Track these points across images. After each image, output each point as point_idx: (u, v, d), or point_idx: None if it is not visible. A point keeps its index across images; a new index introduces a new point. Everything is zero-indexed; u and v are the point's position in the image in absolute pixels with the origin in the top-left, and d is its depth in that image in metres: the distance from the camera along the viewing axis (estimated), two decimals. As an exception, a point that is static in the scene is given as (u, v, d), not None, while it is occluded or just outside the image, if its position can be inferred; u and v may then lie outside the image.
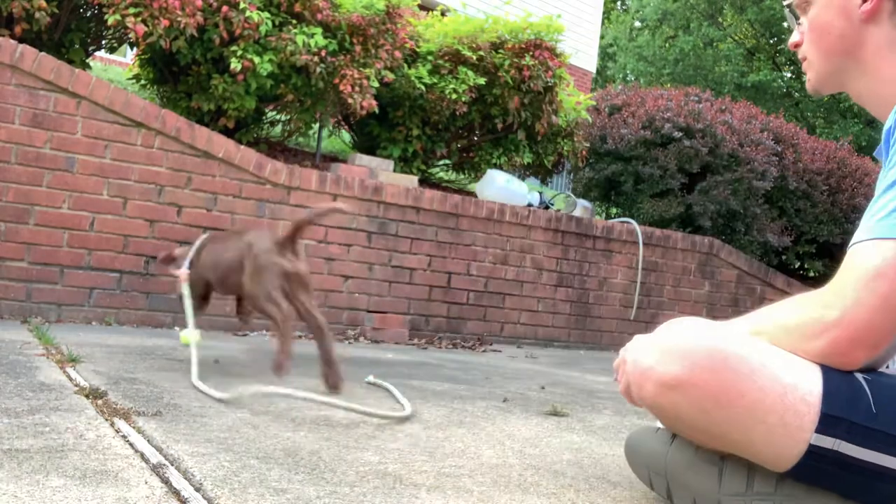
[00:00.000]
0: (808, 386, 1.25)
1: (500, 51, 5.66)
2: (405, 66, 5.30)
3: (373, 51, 4.83)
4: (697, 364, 1.29)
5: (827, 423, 1.23)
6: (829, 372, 1.27)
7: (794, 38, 1.49)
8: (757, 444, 1.28)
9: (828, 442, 1.23)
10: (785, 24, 19.33)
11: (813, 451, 1.24)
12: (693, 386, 1.29)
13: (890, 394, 1.26)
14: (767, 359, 1.29)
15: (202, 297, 2.93)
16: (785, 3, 1.52)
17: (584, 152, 6.38)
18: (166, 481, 1.41)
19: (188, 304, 2.74)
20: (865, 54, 1.37)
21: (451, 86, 5.38)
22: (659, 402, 1.34)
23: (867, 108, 1.44)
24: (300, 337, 4.31)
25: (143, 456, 1.56)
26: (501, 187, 5.58)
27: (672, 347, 1.33)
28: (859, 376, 1.28)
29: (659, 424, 1.53)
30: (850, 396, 1.25)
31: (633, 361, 1.40)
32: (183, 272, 2.79)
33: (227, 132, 4.62)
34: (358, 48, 4.75)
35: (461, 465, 1.77)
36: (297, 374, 2.54)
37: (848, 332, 1.24)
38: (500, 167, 6.02)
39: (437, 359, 4.02)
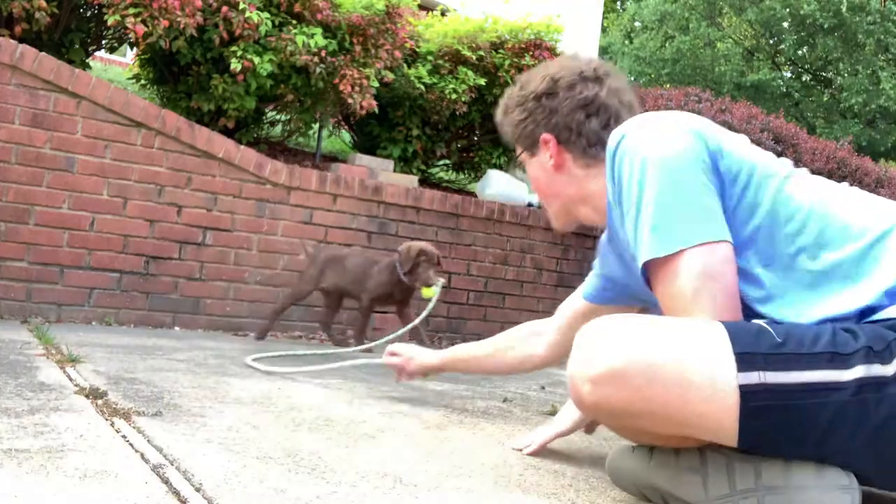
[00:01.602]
0: (717, 336, 1.33)
1: (500, 51, 5.67)
2: (405, 66, 5.30)
3: (373, 51, 4.83)
4: (618, 354, 1.35)
5: (743, 361, 1.30)
6: (728, 324, 1.35)
7: (533, 190, 1.91)
8: (697, 411, 1.31)
9: (752, 377, 1.29)
10: (785, 24, 19.35)
11: (746, 393, 1.28)
12: (616, 372, 1.34)
13: (786, 329, 1.35)
14: (673, 325, 1.38)
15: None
16: (516, 167, 1.86)
17: (584, 152, 6.37)
18: (166, 481, 1.41)
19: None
20: (570, 192, 1.77)
21: (451, 86, 5.38)
22: (594, 400, 1.38)
23: (600, 225, 1.75)
24: (300, 337, 4.31)
25: (143, 456, 1.56)
26: (501, 187, 5.58)
27: (594, 346, 1.39)
28: (757, 321, 1.39)
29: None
30: (753, 335, 1.33)
31: (569, 374, 1.44)
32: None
33: (227, 132, 4.62)
34: (358, 48, 4.75)
35: (461, 464, 1.77)
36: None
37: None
38: (500, 167, 6.02)
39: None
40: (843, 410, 1.28)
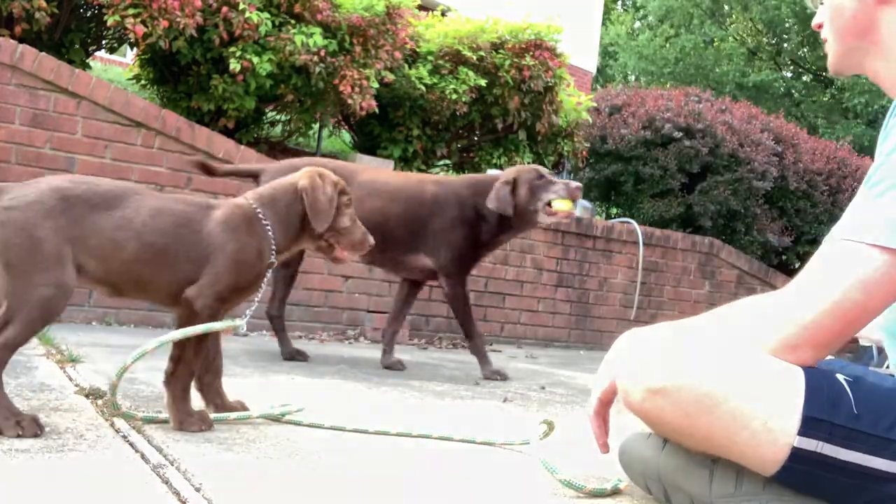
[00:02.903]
0: (792, 390, 1.26)
1: (501, 51, 5.67)
2: (405, 66, 5.30)
3: (373, 51, 4.83)
4: (681, 370, 1.31)
5: (809, 426, 1.24)
6: (811, 374, 1.28)
7: (816, 18, 1.51)
8: (742, 448, 1.29)
9: (811, 444, 1.24)
10: (787, 24, 19.33)
11: (796, 455, 1.25)
12: (677, 391, 1.31)
13: (871, 396, 1.27)
14: (751, 363, 1.30)
15: None
16: None
17: (584, 152, 6.38)
18: (166, 481, 1.41)
19: None
20: (879, 35, 1.38)
21: (452, 86, 5.38)
22: (645, 407, 1.36)
23: (883, 87, 1.44)
24: (300, 337, 4.31)
25: (143, 456, 1.56)
26: (501, 187, 5.57)
27: (659, 356, 1.35)
28: (841, 378, 1.29)
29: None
30: (832, 398, 1.26)
31: (622, 370, 1.42)
32: None
33: (227, 132, 4.62)
34: (358, 49, 4.75)
35: (462, 464, 1.77)
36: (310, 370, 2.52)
37: (810, 335, 1.26)
38: (500, 167, 6.01)
39: (437, 359, 4.02)
40: (884, 501, 1.25)
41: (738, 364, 1.30)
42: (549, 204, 3.18)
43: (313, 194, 1.93)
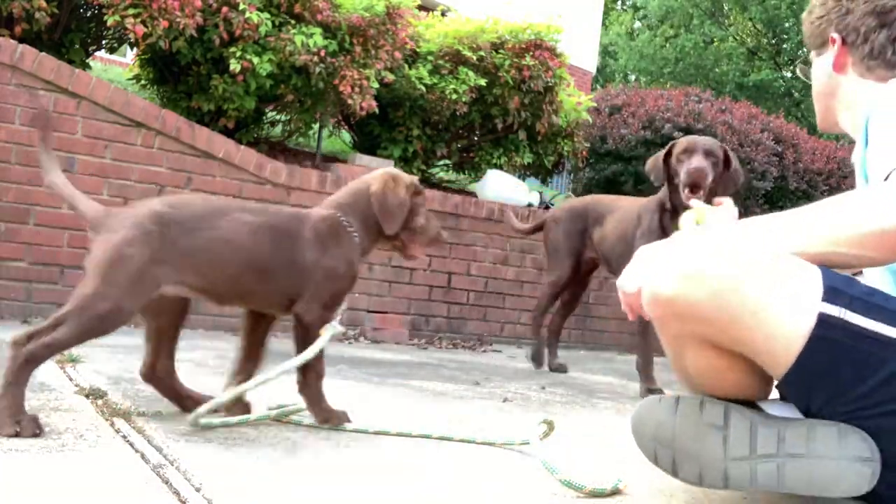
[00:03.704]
0: (812, 270, 1.38)
1: (501, 51, 5.67)
2: (405, 66, 5.30)
3: (373, 51, 4.83)
4: (714, 254, 1.40)
5: (832, 294, 1.35)
6: (822, 268, 1.39)
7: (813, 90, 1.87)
8: (769, 325, 1.36)
9: (835, 311, 1.34)
10: (787, 24, 19.34)
11: (823, 321, 1.33)
12: (710, 272, 1.38)
13: (875, 289, 1.42)
14: (773, 253, 1.41)
15: None
16: (801, 63, 1.94)
17: (584, 152, 6.38)
18: (166, 481, 1.41)
19: None
20: (842, 94, 1.77)
21: (452, 86, 5.38)
22: (676, 293, 1.40)
23: (850, 134, 1.78)
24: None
25: (143, 456, 1.56)
26: (501, 187, 5.58)
27: (688, 246, 1.44)
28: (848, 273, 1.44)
29: (664, 392, 1.56)
30: (845, 279, 1.39)
31: (650, 266, 1.47)
32: None
33: (227, 132, 4.62)
34: (358, 49, 4.75)
35: (462, 464, 1.77)
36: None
37: None
38: (500, 167, 6.02)
39: (437, 359, 4.02)
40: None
41: (763, 252, 1.40)
42: None
43: (383, 198, 2.05)
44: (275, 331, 2.12)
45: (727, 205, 2.69)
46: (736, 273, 1.38)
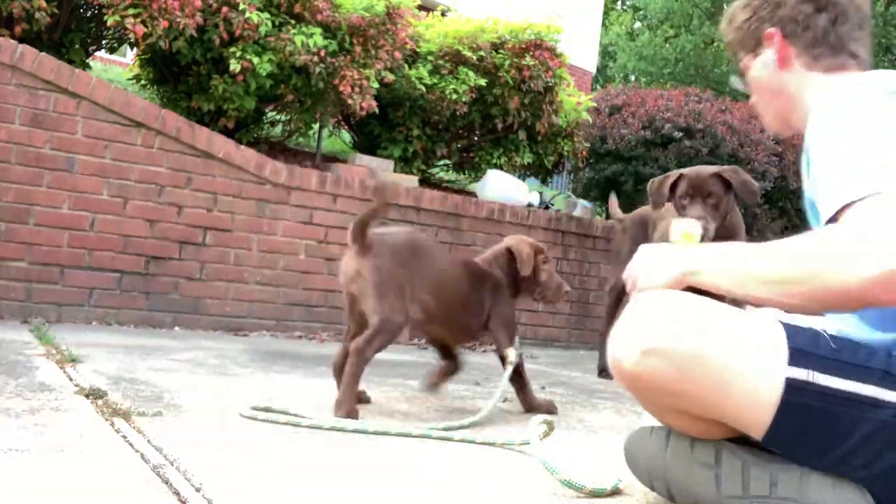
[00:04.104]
0: (775, 333, 1.34)
1: (501, 51, 5.67)
2: (405, 66, 5.30)
3: (373, 51, 4.83)
4: (673, 328, 1.36)
5: (797, 357, 1.31)
6: (786, 323, 1.36)
7: (752, 99, 1.81)
8: (737, 395, 1.32)
9: (802, 374, 1.30)
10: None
11: (791, 385, 1.29)
12: (670, 348, 1.35)
13: (840, 337, 1.36)
14: (734, 317, 1.38)
15: None
16: (733, 76, 1.86)
17: (584, 152, 6.37)
18: (166, 481, 1.41)
19: None
20: (789, 92, 1.67)
21: (452, 86, 5.38)
22: (638, 370, 1.38)
23: (802, 133, 1.63)
24: (300, 337, 4.30)
25: (143, 456, 1.56)
26: (501, 187, 5.58)
27: (647, 318, 1.40)
28: (812, 326, 1.39)
29: (654, 423, 1.55)
30: (810, 337, 1.35)
31: (612, 338, 1.45)
32: None
33: (227, 132, 4.62)
34: (358, 49, 4.75)
35: (462, 464, 1.77)
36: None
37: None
38: (500, 167, 6.01)
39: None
40: (880, 429, 1.28)
41: (722, 317, 1.37)
42: None
43: (518, 250, 2.63)
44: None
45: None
46: (697, 345, 1.34)
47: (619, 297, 3.99)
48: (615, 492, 1.62)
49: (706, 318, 1.36)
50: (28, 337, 3.08)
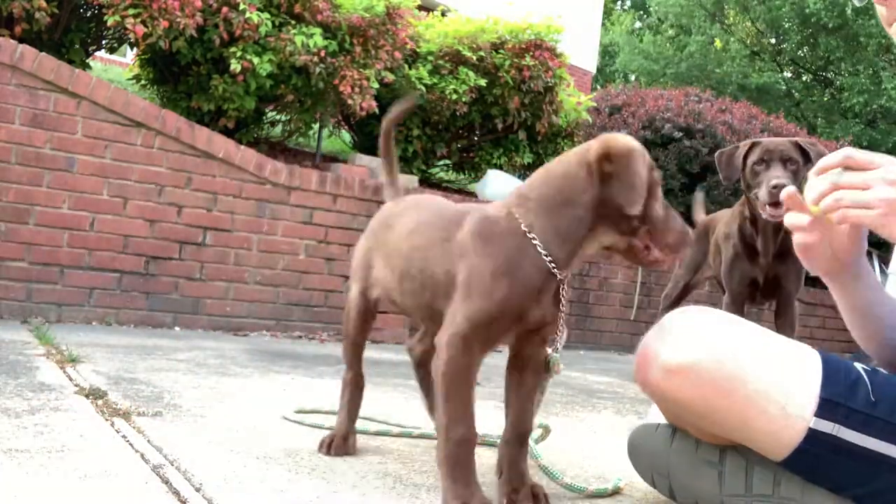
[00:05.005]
0: (810, 373, 1.28)
1: (501, 51, 5.67)
2: (405, 66, 5.30)
3: (373, 52, 4.83)
4: (703, 353, 1.31)
5: (826, 409, 1.25)
6: (828, 360, 1.29)
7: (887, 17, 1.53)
8: (757, 430, 1.29)
9: (827, 426, 1.25)
10: (787, 25, 19.34)
11: (812, 436, 1.25)
12: (697, 373, 1.30)
13: (887, 385, 1.28)
14: (771, 347, 1.32)
15: None
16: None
17: (584, 152, 6.37)
18: (166, 481, 1.41)
19: None
20: None
21: (452, 86, 5.38)
22: (662, 387, 1.35)
23: None
24: (300, 337, 4.30)
25: (143, 456, 1.56)
26: (501, 187, 5.58)
27: (680, 336, 1.35)
28: (858, 366, 1.30)
29: (659, 420, 1.54)
30: (849, 384, 1.27)
31: (642, 346, 1.41)
32: None
33: (227, 132, 4.62)
34: (358, 49, 4.75)
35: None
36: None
37: None
38: (500, 167, 6.02)
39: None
40: (892, 490, 1.25)
41: (757, 346, 1.32)
42: None
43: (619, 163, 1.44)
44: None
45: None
46: (727, 375, 1.29)
47: (673, 305, 3.97)
48: (615, 492, 1.62)
49: (741, 348, 1.31)
50: (28, 337, 3.08)
